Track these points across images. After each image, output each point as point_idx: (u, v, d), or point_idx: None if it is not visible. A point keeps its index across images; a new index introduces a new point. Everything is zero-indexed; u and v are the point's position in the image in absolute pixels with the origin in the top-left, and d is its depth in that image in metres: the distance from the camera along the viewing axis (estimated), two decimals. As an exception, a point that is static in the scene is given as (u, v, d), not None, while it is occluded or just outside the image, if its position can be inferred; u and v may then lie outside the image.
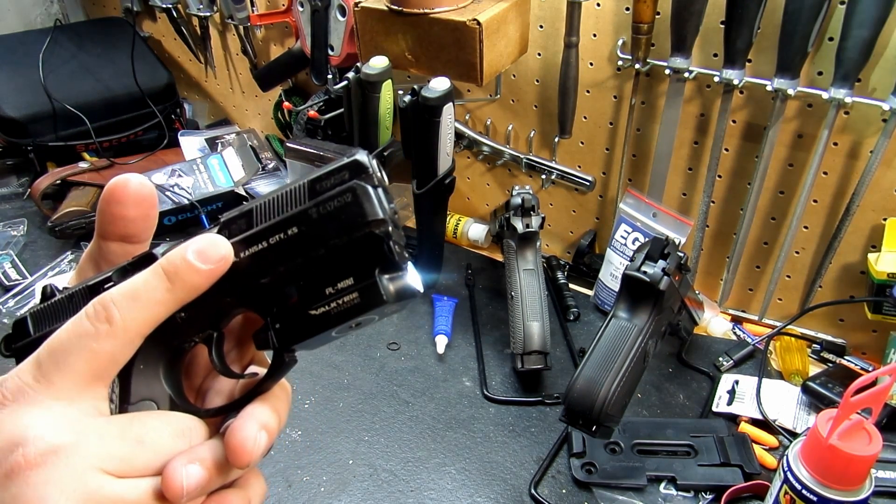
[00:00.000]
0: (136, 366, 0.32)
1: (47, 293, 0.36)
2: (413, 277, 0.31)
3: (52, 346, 0.29)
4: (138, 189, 0.34)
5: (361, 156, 0.30)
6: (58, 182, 1.33)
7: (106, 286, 0.33)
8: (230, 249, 0.31)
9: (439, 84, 0.90)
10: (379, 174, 0.30)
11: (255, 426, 0.30)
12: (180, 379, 0.34)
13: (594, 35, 0.99)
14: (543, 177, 1.17)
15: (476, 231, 1.27)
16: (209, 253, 0.30)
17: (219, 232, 0.32)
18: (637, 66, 0.95)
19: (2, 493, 0.26)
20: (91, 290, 0.34)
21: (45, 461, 0.27)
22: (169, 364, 0.33)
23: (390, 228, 0.30)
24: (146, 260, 0.33)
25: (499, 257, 1.16)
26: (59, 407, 0.28)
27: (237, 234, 0.32)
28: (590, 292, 1.15)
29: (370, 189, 0.30)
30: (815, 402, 0.88)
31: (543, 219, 1.01)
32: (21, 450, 0.27)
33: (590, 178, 1.11)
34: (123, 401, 0.32)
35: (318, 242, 0.30)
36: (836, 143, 0.88)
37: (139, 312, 0.30)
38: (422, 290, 0.31)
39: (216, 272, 0.30)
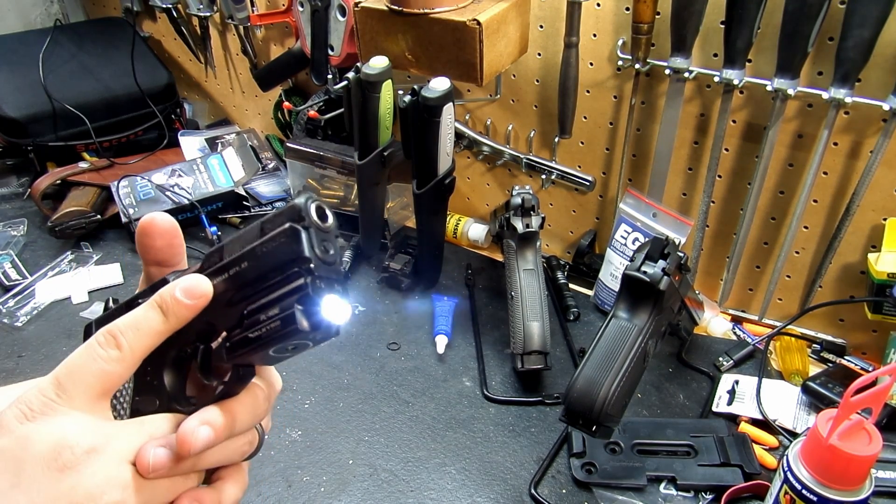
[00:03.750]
0: (144, 368, 0.38)
1: (108, 305, 0.44)
2: (333, 312, 0.34)
3: (69, 367, 0.36)
4: (162, 224, 0.43)
5: (300, 200, 0.35)
6: (58, 182, 1.33)
7: (139, 301, 0.40)
8: (210, 287, 0.37)
9: (439, 84, 0.90)
10: (313, 216, 0.34)
11: (197, 421, 0.36)
12: (183, 379, 0.39)
13: (594, 35, 0.99)
14: (543, 177, 1.17)
15: (476, 231, 1.27)
16: (194, 291, 0.37)
17: (203, 263, 0.38)
18: (637, 66, 0.95)
19: (59, 486, 0.33)
20: (128, 304, 0.41)
21: (88, 458, 0.33)
22: (172, 367, 0.39)
23: (312, 265, 0.34)
24: (161, 284, 0.39)
25: (499, 257, 1.16)
26: (82, 416, 0.35)
27: (213, 265, 0.37)
28: (590, 292, 1.15)
29: (301, 231, 0.34)
30: (815, 402, 0.89)
31: (543, 219, 1.01)
32: (70, 450, 0.33)
33: (590, 178, 1.11)
34: (135, 394, 0.39)
35: (260, 276, 0.35)
36: (836, 143, 0.88)
37: (141, 340, 0.36)
38: (337, 326, 0.34)
39: (199, 306, 0.37)
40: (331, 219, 0.35)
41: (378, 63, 0.95)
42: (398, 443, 0.89)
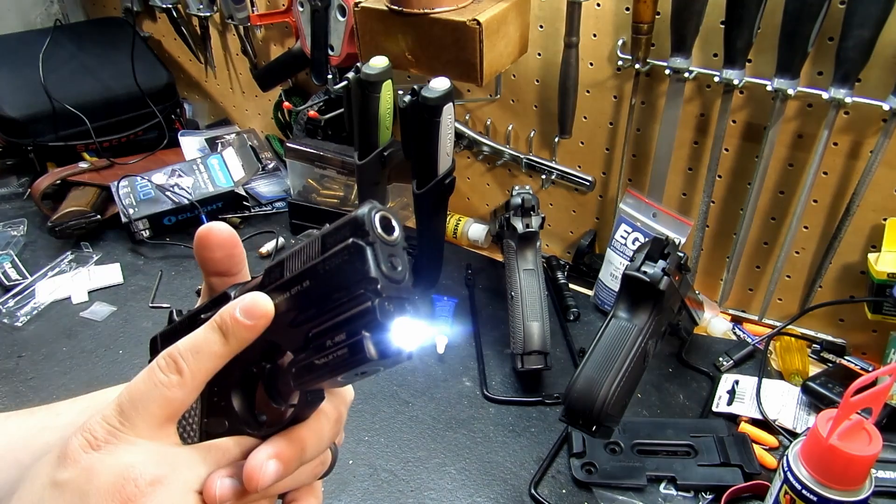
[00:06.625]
0: (211, 388, 0.36)
1: (172, 318, 0.42)
2: (404, 337, 0.31)
3: (131, 393, 0.34)
4: (219, 234, 0.41)
5: (362, 211, 0.31)
6: (58, 182, 1.33)
7: (202, 315, 0.38)
8: (271, 306, 0.35)
9: (439, 84, 0.90)
10: (377, 229, 0.31)
11: (265, 455, 0.34)
12: (251, 399, 0.38)
13: (594, 35, 0.99)
14: (543, 177, 1.17)
15: (476, 231, 1.27)
16: (254, 311, 0.35)
17: (263, 279, 0.37)
18: (637, 66, 0.94)
19: None
20: (190, 318, 0.40)
21: (154, 490, 0.32)
22: (239, 388, 0.37)
23: (379, 286, 0.31)
24: (222, 299, 0.38)
25: (499, 257, 1.16)
26: (147, 444, 0.34)
27: (274, 281, 0.35)
28: (590, 292, 1.15)
29: (366, 248, 0.31)
30: (815, 402, 0.88)
31: (543, 219, 1.01)
32: (133, 482, 0.32)
33: (590, 178, 1.11)
34: (203, 415, 0.37)
35: (324, 297, 0.32)
36: (836, 143, 0.88)
37: (202, 363, 0.35)
38: (408, 351, 0.31)
39: (260, 326, 0.35)
40: (397, 230, 0.32)
41: (378, 63, 0.95)
42: (398, 443, 0.89)
